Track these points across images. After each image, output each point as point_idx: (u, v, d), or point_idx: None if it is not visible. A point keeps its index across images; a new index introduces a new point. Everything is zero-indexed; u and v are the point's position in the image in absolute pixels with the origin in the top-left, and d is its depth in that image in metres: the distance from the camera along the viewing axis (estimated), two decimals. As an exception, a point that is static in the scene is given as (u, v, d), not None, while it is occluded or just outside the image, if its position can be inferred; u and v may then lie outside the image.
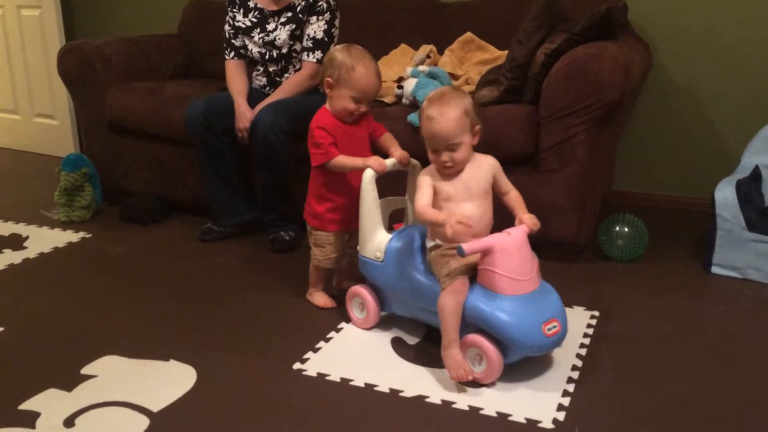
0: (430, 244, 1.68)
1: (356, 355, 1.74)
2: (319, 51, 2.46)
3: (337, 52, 1.84)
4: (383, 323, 1.89)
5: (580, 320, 1.88)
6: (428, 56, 2.70)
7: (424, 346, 1.77)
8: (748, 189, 2.19)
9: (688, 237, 2.44)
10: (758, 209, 2.18)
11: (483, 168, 1.66)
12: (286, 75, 2.55)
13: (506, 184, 1.70)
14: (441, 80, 2.42)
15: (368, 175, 1.77)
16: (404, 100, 2.45)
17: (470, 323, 1.57)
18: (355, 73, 1.80)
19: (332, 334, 1.84)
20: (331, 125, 1.85)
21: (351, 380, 1.62)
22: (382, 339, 1.81)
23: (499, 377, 1.59)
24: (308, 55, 2.46)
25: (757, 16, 2.58)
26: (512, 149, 2.21)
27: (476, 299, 1.55)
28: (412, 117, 2.30)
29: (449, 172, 1.63)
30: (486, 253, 1.53)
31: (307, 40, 2.47)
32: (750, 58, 2.61)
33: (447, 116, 1.58)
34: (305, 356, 1.72)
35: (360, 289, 1.85)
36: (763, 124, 2.33)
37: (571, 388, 1.57)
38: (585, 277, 2.18)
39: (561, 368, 1.64)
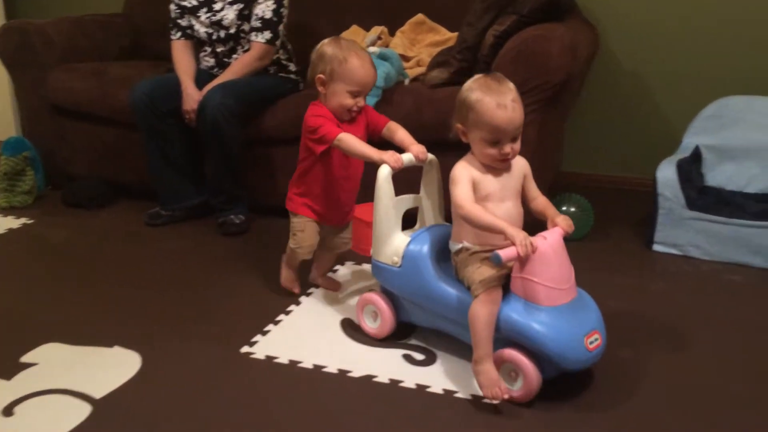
0: (455, 246, 1.54)
1: (305, 337, 1.74)
2: (268, 31, 2.42)
3: (326, 46, 1.73)
4: (334, 304, 1.89)
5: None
6: (379, 38, 2.69)
7: (374, 327, 1.78)
8: (688, 169, 2.25)
9: (632, 216, 2.50)
10: (698, 188, 2.25)
11: (517, 166, 1.54)
12: (234, 56, 2.50)
13: (535, 189, 1.58)
14: (392, 62, 2.41)
15: (384, 173, 1.61)
16: (355, 82, 2.43)
17: (503, 336, 1.44)
18: (348, 64, 1.68)
19: (282, 317, 1.83)
20: (330, 116, 1.72)
21: (299, 362, 1.61)
22: (332, 320, 1.81)
23: (445, 357, 1.62)
24: (257, 35, 2.42)
25: (702, 1, 2.64)
26: (462, 130, 2.23)
27: (512, 310, 1.42)
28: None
29: (504, 165, 1.50)
30: (523, 259, 1.39)
31: (255, 19, 2.42)
32: (692, 43, 2.67)
33: (518, 102, 1.46)
34: (253, 339, 1.71)
35: (373, 297, 1.70)
36: (703, 106, 2.39)
37: (516, 364, 1.60)
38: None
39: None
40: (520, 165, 1.56)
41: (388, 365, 1.60)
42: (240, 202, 2.41)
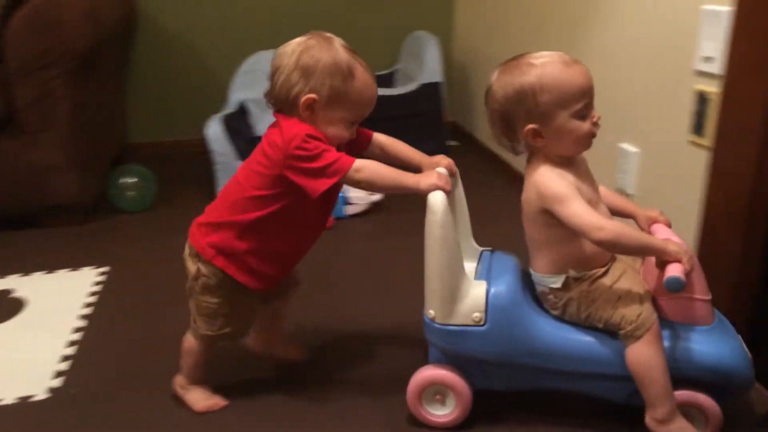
0: (557, 280, 1.16)
1: None
2: None
3: (317, 51, 1.14)
4: None
5: (85, 281, 1.81)
6: None
7: None
8: (235, 122, 2.38)
9: (201, 177, 2.55)
10: (248, 139, 2.40)
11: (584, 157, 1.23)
12: None
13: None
14: None
15: (439, 203, 1.12)
16: None
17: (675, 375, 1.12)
18: (356, 82, 1.14)
19: None
20: (323, 137, 1.15)
21: None
22: None
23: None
24: None
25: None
26: (-19, 113, 1.97)
27: (688, 341, 1.12)
28: None
29: (590, 144, 1.13)
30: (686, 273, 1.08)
31: None
32: (227, 2, 2.80)
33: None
34: None
35: (437, 373, 1.21)
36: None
37: (72, 351, 1.50)
38: (98, 236, 2.11)
39: (61, 334, 1.56)
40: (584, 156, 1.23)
41: None
42: None
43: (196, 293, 1.24)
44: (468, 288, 1.16)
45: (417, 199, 1.15)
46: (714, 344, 1.11)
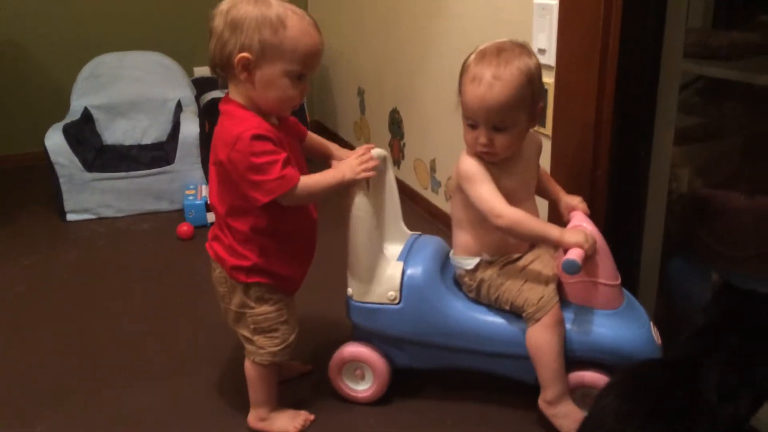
0: (470, 262, 1.21)
1: None
2: None
3: (246, 4, 1.05)
4: None
5: None
6: None
7: None
8: (79, 132, 2.22)
9: (43, 192, 2.36)
10: (97, 149, 2.25)
11: (533, 151, 1.23)
12: None
13: (539, 165, 1.27)
14: None
15: (361, 184, 1.18)
16: None
17: (573, 358, 1.15)
18: (289, 30, 1.05)
19: None
20: (272, 132, 1.07)
21: None
22: None
23: None
24: None
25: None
26: None
27: (592, 324, 1.14)
28: None
29: (488, 158, 1.14)
30: (586, 257, 1.10)
31: None
32: (65, 6, 2.61)
33: (503, 81, 1.08)
34: None
35: (355, 350, 1.27)
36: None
37: None
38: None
39: None
40: (536, 146, 1.24)
41: None
42: None
43: (249, 310, 1.16)
44: (385, 268, 1.22)
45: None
46: (615, 328, 1.13)
